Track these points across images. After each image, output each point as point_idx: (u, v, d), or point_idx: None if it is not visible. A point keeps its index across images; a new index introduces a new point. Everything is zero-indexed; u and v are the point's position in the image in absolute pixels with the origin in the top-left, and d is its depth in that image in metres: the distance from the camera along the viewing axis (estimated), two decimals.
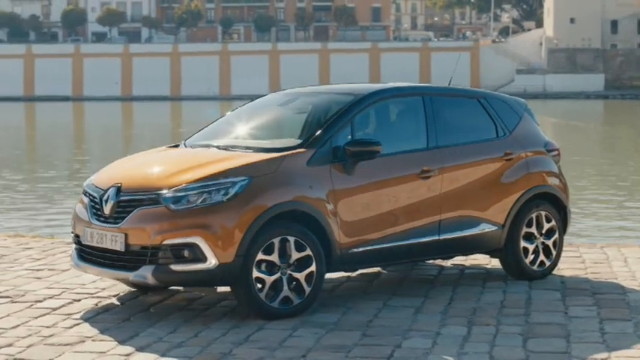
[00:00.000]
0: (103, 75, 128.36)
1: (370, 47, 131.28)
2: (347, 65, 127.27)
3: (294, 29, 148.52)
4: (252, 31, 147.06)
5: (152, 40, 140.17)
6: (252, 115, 9.39)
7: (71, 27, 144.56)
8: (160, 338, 7.37)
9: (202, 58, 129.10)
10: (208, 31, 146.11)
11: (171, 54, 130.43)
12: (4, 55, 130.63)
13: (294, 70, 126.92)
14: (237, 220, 7.73)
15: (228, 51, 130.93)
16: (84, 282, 9.36)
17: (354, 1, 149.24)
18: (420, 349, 7.10)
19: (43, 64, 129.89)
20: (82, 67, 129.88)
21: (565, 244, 12.13)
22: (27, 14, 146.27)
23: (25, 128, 69.58)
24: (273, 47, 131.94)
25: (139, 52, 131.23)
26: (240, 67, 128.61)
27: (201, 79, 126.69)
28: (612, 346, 7.21)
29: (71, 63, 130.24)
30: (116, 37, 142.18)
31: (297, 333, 7.54)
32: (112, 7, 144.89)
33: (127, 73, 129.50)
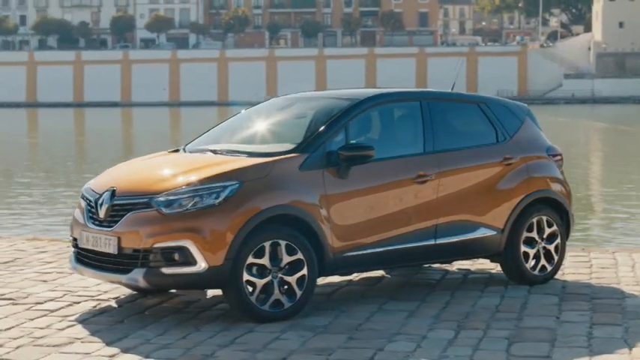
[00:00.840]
0: (151, 81, 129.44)
1: (417, 52, 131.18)
2: (393, 70, 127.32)
3: (340, 34, 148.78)
4: (299, 36, 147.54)
5: (200, 46, 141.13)
6: (251, 120, 9.48)
7: (120, 33, 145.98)
8: (147, 340, 7.47)
9: (249, 63, 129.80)
10: (255, 37, 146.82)
11: (219, 60, 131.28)
12: (55, 61, 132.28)
13: (340, 75, 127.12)
14: (227, 224, 7.82)
15: (274, 56, 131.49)
16: (87, 285, 9.50)
17: (401, 6, 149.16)
18: (402, 352, 7.14)
19: (92, 71, 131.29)
20: (131, 73, 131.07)
21: (578, 249, 12.14)
22: (77, 21, 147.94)
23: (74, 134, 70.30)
24: (320, 52, 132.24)
25: (187, 58, 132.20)
26: (286, 73, 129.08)
27: (248, 84, 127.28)
28: (596, 350, 7.21)
29: (120, 69, 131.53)
30: (164, 43, 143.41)
31: (285, 336, 7.61)
32: (160, 13, 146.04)
33: (175, 79, 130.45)
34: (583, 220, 22.42)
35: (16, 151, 49.37)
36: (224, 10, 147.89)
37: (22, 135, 67.39)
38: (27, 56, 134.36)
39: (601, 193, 29.16)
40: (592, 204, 26.12)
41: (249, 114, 9.65)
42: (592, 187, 31.01)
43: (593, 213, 24.07)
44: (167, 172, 8.27)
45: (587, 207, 24.95)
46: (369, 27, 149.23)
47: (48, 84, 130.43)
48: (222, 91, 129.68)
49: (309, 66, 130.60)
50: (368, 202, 8.57)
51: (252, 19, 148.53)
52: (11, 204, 25.83)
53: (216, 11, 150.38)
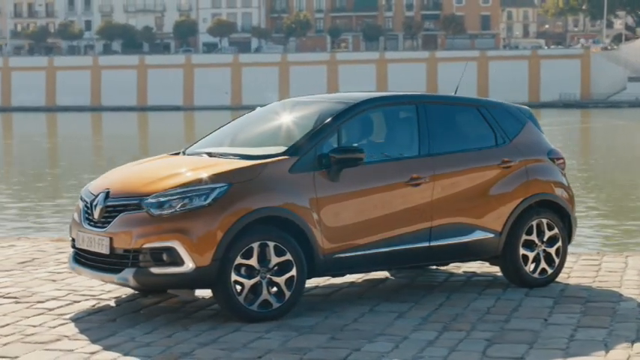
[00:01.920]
0: (213, 85, 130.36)
1: (478, 55, 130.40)
2: (455, 73, 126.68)
3: (402, 38, 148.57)
4: (361, 40, 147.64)
5: (261, 50, 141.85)
6: (249, 124, 9.65)
7: (183, 38, 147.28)
8: (132, 338, 7.65)
9: (310, 67, 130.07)
10: (317, 41, 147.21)
11: (280, 64, 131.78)
12: (119, 65, 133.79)
13: (401, 78, 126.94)
14: (215, 225, 7.97)
15: (336, 60, 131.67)
16: (92, 285, 9.70)
17: (463, 9, 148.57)
18: (376, 352, 7.23)
19: (155, 75, 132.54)
20: (193, 77, 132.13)
21: (592, 253, 12.11)
22: (141, 26, 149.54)
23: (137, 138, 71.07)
24: (381, 56, 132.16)
25: (249, 61, 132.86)
26: (347, 77, 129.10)
27: (309, 87, 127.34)
28: (572, 352, 7.24)
29: (182, 73, 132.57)
30: (226, 47, 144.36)
31: (268, 335, 7.74)
32: (222, 17, 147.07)
33: (237, 83, 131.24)
34: (623, 224, 22.27)
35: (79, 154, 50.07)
36: (286, 14, 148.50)
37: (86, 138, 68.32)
38: (91, 61, 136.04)
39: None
40: (636, 209, 25.87)
41: (249, 118, 9.82)
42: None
43: (634, 219, 23.85)
44: (159, 175, 8.45)
45: (628, 212, 24.75)
46: (430, 30, 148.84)
47: (112, 88, 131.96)
48: (284, 95, 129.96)
49: (370, 70, 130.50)
50: (359, 204, 8.66)
51: (314, 23, 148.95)
52: (63, 205, 26.33)
53: (277, 15, 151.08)
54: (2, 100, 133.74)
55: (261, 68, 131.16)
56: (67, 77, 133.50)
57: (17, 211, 25.84)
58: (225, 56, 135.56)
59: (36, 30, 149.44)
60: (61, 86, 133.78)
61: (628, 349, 7.32)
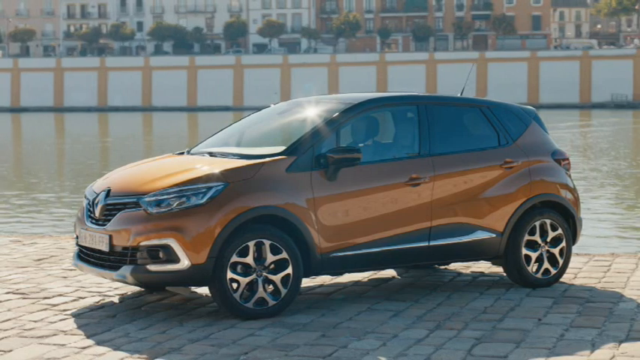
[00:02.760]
0: (262, 85, 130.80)
1: (529, 56, 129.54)
2: (505, 74, 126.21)
3: (452, 38, 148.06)
4: (411, 40, 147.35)
5: (311, 50, 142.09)
6: (252, 124, 9.79)
7: (233, 39, 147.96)
8: (127, 334, 7.81)
9: (360, 68, 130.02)
10: (367, 41, 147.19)
11: (330, 64, 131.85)
12: (169, 66, 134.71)
13: (451, 79, 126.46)
14: (211, 224, 8.11)
15: (385, 61, 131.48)
16: (101, 282, 9.88)
17: (514, 9, 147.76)
18: (362, 350, 7.32)
19: (205, 75, 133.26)
20: (243, 77, 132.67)
21: (606, 254, 12.09)
22: (191, 27, 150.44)
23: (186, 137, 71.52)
24: (430, 57, 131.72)
25: (298, 62, 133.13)
26: (397, 77, 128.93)
27: (358, 88, 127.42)
28: (557, 351, 7.28)
29: (232, 74, 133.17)
30: (276, 47, 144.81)
31: (260, 332, 7.86)
32: (272, 18, 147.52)
33: (286, 84, 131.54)
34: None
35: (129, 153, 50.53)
36: (336, 15, 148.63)
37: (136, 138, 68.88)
38: (143, 61, 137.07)
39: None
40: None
41: (253, 118, 9.96)
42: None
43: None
44: (158, 174, 8.60)
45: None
46: (481, 31, 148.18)
47: (163, 88, 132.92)
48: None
49: (420, 70, 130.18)
50: (357, 203, 8.75)
51: (364, 24, 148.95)
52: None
53: (327, 16, 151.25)
54: (55, 100, 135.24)
55: (310, 69, 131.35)
56: (118, 78, 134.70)
57: (66, 209, 26.16)
58: (274, 57, 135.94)
59: (88, 31, 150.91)
60: (112, 87, 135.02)
61: (614, 349, 7.35)
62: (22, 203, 27.48)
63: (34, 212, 25.27)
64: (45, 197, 29.04)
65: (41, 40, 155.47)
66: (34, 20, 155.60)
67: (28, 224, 22.57)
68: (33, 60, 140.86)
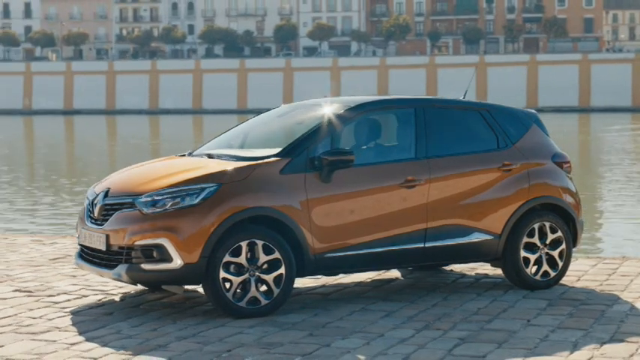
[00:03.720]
0: (313, 87, 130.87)
1: (580, 59, 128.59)
2: (556, 77, 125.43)
3: (503, 41, 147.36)
4: (461, 43, 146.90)
5: (361, 53, 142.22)
6: (253, 126, 9.96)
7: (283, 41, 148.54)
8: (118, 331, 8.00)
9: (409, 70, 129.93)
10: (417, 44, 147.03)
11: (379, 67, 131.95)
12: (220, 69, 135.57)
13: (501, 82, 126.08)
14: (203, 224, 8.28)
15: (435, 64, 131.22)
16: (108, 281, 10.08)
17: (565, 12, 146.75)
18: (344, 348, 7.45)
19: (255, 78, 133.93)
20: (293, 80, 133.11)
21: (616, 257, 12.08)
22: (242, 30, 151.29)
23: None
24: (481, 60, 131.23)
25: (348, 65, 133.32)
26: (447, 80, 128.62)
27: (408, 91, 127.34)
28: (537, 351, 7.36)
29: (282, 77, 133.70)
30: (326, 50, 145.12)
31: (249, 331, 8.01)
32: (322, 21, 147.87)
33: (336, 86, 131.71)
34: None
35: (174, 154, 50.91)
36: (386, 18, 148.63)
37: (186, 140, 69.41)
38: (193, 64, 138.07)
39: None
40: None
41: (256, 120, 10.13)
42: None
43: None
44: (155, 175, 8.79)
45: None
46: (532, 33, 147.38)
47: (213, 91, 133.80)
48: None
49: (470, 73, 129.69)
50: (351, 205, 8.88)
51: (414, 27, 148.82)
52: None
53: (377, 19, 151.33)
54: (107, 103, 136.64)
55: (359, 72, 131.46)
56: (169, 81, 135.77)
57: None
58: (324, 60, 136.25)
59: (140, 34, 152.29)
60: (163, 89, 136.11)
61: (594, 350, 7.40)
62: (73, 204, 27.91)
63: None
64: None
65: (94, 44, 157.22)
66: (87, 24, 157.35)
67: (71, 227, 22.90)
68: (86, 63, 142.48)
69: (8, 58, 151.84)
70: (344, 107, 9.28)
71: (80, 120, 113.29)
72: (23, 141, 73.04)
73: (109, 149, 58.19)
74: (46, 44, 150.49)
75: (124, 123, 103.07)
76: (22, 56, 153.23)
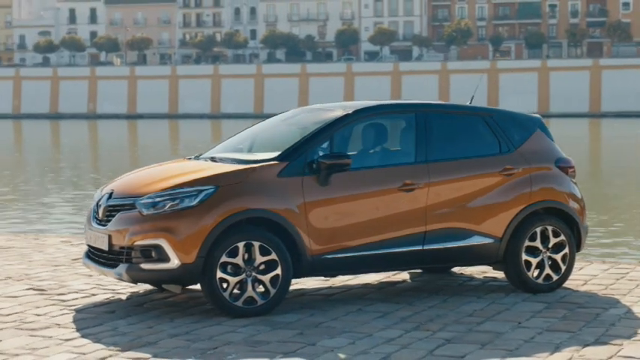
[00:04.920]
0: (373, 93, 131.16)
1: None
2: (619, 82, 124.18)
3: (566, 46, 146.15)
4: (523, 47, 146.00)
5: (422, 58, 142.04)
6: (260, 130, 10.19)
7: (345, 46, 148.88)
8: (115, 328, 8.26)
9: (470, 75, 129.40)
10: (478, 49, 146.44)
11: (440, 72, 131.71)
12: (281, 74, 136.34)
13: (563, 87, 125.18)
14: (200, 225, 8.52)
15: (496, 68, 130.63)
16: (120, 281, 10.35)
17: (630, 16, 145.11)
18: (327, 347, 7.62)
19: (316, 83, 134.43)
20: (353, 84, 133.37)
21: (633, 263, 12.10)
22: (304, 34, 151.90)
23: None
24: (543, 64, 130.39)
25: (409, 70, 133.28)
26: (508, 85, 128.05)
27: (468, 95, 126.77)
28: (517, 353, 7.47)
29: (343, 81, 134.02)
30: (387, 55, 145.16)
31: (241, 330, 8.22)
32: (384, 26, 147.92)
33: (396, 91, 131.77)
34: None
35: None
36: (447, 23, 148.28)
37: None
38: (255, 69, 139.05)
39: None
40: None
41: (262, 125, 10.35)
42: None
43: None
44: (157, 178, 9.05)
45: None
46: (595, 38, 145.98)
47: (275, 95, 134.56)
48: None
49: (532, 78, 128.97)
50: (348, 208, 9.05)
51: (476, 31, 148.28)
52: None
53: (439, 23, 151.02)
54: (169, 107, 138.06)
55: (420, 76, 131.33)
56: (231, 85, 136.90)
57: None
58: (385, 64, 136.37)
59: (203, 39, 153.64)
60: (225, 94, 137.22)
61: (574, 352, 7.50)
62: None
63: None
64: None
65: (157, 49, 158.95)
66: (151, 29, 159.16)
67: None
68: (149, 68, 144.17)
69: (74, 63, 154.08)
70: (345, 112, 9.46)
71: (143, 124, 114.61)
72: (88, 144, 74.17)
73: (172, 153, 58.83)
74: (111, 49, 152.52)
75: (186, 127, 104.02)
76: (87, 61, 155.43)
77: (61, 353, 7.44)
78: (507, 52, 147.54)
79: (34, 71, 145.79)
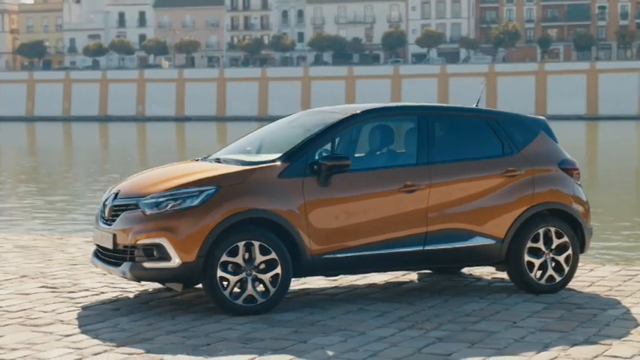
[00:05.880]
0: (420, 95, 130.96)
1: None
2: None
3: (615, 47, 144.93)
4: (572, 50, 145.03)
5: (469, 60, 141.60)
6: (264, 132, 10.37)
7: (392, 49, 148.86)
8: (116, 325, 8.48)
9: (518, 78, 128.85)
10: (527, 51, 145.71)
11: (487, 74, 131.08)
12: (328, 76, 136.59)
13: (611, 89, 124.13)
14: (201, 225, 8.72)
15: (544, 70, 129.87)
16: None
17: None
18: (318, 344, 7.77)
19: (363, 86, 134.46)
20: (400, 87, 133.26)
21: None
22: (350, 37, 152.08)
23: None
24: (591, 66, 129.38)
25: (455, 72, 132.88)
26: (556, 87, 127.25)
27: (517, 98, 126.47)
28: (504, 351, 7.57)
29: (390, 84, 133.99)
30: (434, 57, 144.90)
31: (238, 327, 8.40)
32: (431, 28, 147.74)
33: (444, 93, 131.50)
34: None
35: None
36: (495, 25, 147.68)
37: None
38: (302, 72, 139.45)
39: None
40: None
41: (269, 127, 10.53)
42: None
43: None
44: (161, 178, 9.26)
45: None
46: None
47: (322, 98, 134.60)
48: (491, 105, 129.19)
49: (580, 80, 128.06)
50: (348, 208, 9.20)
51: (524, 33, 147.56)
52: None
53: (487, 25, 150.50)
54: (217, 110, 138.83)
55: (467, 79, 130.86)
56: (278, 88, 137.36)
57: None
58: (432, 67, 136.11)
59: (251, 42, 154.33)
60: (272, 96, 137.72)
61: (561, 351, 7.58)
62: None
63: None
64: None
65: (205, 52, 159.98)
66: (199, 32, 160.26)
67: None
68: (197, 71, 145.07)
69: (123, 66, 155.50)
70: (347, 114, 9.61)
71: (191, 126, 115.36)
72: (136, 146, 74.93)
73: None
74: (159, 52, 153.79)
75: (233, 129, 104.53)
76: (136, 64, 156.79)
77: (58, 348, 7.66)
78: (556, 54, 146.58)
79: (83, 74, 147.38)
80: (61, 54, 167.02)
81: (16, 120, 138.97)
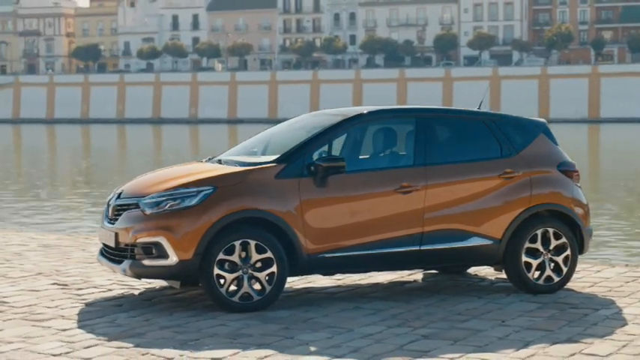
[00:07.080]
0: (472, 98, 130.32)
1: None
2: None
3: None
4: (626, 51, 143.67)
5: (522, 63, 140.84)
6: (268, 134, 10.60)
7: (443, 51, 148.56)
8: (113, 320, 8.76)
9: (571, 80, 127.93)
10: (580, 53, 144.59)
11: (540, 76, 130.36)
12: (379, 79, 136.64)
13: None
14: (197, 224, 8.98)
15: (598, 73, 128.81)
16: None
17: None
18: (303, 341, 7.98)
19: (415, 88, 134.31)
20: (452, 89, 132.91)
21: None
22: (402, 40, 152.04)
23: None
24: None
25: (508, 74, 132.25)
26: (611, 90, 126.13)
27: (570, 100, 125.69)
28: (484, 349, 7.73)
29: (441, 86, 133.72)
30: (486, 60, 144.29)
31: (230, 323, 8.63)
32: (483, 30, 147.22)
33: (496, 96, 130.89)
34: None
35: None
36: (548, 27, 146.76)
37: None
38: (353, 74, 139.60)
39: None
40: None
41: (274, 129, 10.77)
42: None
43: None
44: (162, 179, 9.54)
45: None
46: None
47: (373, 100, 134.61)
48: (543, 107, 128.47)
49: (636, 82, 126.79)
50: (344, 208, 9.41)
51: (577, 35, 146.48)
52: None
53: (540, 27, 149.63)
54: (269, 112, 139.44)
55: (520, 81, 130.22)
56: (330, 90, 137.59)
57: None
58: (484, 69, 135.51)
59: (303, 45, 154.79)
60: (324, 99, 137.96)
61: (540, 349, 7.71)
62: None
63: None
64: None
65: (258, 54, 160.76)
66: (252, 35, 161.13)
67: None
68: (249, 73, 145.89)
69: (176, 69, 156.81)
70: (345, 117, 9.81)
71: (243, 129, 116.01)
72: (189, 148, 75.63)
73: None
74: (212, 55, 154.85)
75: None
76: (189, 67, 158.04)
77: (51, 342, 7.95)
78: (610, 57, 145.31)
79: (137, 77, 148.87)
80: (115, 57, 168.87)
81: (71, 122, 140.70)
